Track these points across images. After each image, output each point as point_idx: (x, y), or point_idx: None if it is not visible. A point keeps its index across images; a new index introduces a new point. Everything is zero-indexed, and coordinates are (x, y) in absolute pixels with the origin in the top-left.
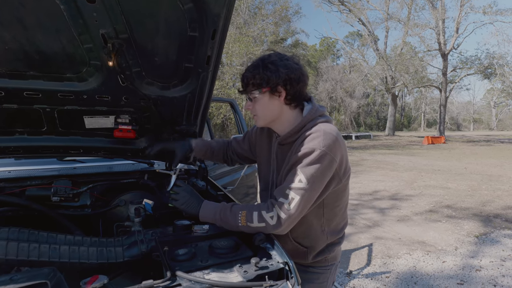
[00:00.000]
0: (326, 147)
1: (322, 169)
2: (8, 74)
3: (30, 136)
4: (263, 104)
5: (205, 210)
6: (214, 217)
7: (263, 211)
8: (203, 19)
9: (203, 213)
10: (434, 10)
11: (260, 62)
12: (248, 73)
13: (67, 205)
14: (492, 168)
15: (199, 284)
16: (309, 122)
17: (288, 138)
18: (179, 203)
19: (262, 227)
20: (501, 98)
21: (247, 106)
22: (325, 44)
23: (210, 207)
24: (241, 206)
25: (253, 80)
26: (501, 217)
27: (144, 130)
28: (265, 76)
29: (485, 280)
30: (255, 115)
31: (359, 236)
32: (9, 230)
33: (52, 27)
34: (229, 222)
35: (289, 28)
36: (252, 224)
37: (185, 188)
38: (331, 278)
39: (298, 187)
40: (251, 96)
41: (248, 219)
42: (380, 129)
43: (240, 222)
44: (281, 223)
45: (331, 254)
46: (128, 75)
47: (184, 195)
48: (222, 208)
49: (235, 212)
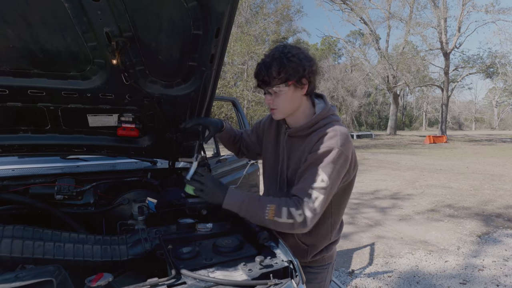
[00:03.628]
0: (342, 146)
1: (339, 168)
2: (12, 72)
3: (34, 134)
4: (287, 97)
5: (231, 197)
6: (240, 206)
7: (292, 208)
8: (207, 17)
9: (229, 200)
10: (436, 9)
11: (282, 55)
12: (274, 67)
13: (71, 203)
14: (494, 168)
15: (204, 282)
16: (322, 119)
17: (300, 131)
18: (204, 193)
19: (289, 224)
20: (503, 97)
21: (267, 101)
22: (326, 43)
23: (236, 195)
24: (270, 199)
25: (280, 74)
26: (503, 216)
27: (147, 129)
28: (291, 69)
29: (487, 279)
30: (275, 108)
31: (361, 235)
32: (14, 228)
33: (56, 25)
34: (255, 213)
35: (291, 27)
36: (280, 219)
37: (207, 176)
38: (329, 277)
39: (321, 187)
40: (272, 90)
41: (276, 213)
42: (382, 129)
43: (267, 216)
44: (306, 222)
45: (328, 253)
46: (132, 73)
47: (207, 185)
48: (250, 197)
49: (263, 204)
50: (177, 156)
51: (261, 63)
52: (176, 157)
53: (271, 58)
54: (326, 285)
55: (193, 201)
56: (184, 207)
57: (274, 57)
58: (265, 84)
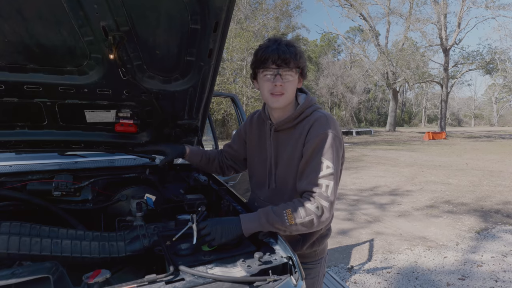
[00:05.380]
0: (334, 129)
1: (337, 150)
2: (8, 67)
3: (31, 130)
4: (293, 85)
5: (246, 223)
6: (259, 222)
7: (307, 204)
8: (205, 11)
9: (247, 226)
10: (436, 5)
11: (296, 46)
12: (295, 49)
13: (69, 199)
14: (493, 164)
15: (202, 279)
16: (307, 108)
17: (286, 123)
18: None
19: (310, 221)
20: (503, 94)
21: (278, 83)
22: (326, 39)
23: (249, 218)
24: (281, 206)
25: (298, 58)
26: (502, 212)
27: (145, 125)
28: (303, 59)
29: (486, 275)
30: (282, 93)
31: (360, 231)
32: (10, 224)
33: (52, 19)
34: (277, 224)
35: (290, 23)
36: (300, 220)
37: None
38: (322, 271)
39: (328, 173)
40: (287, 73)
41: (295, 216)
42: (381, 125)
43: (288, 222)
44: (325, 212)
45: (320, 246)
46: (129, 68)
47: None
48: (263, 213)
49: (279, 214)
50: None
51: (275, 43)
52: None
53: (290, 44)
54: (320, 279)
55: (192, 197)
56: (183, 203)
57: (291, 44)
58: (285, 64)
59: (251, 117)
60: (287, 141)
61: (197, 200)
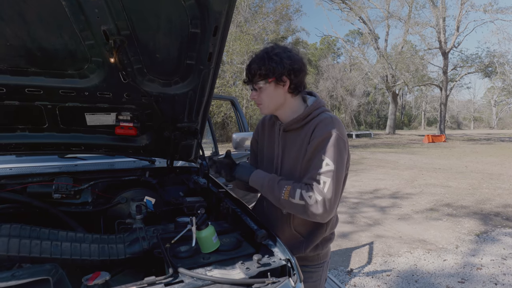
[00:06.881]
0: (339, 130)
1: (340, 150)
2: (9, 70)
3: (31, 133)
4: (269, 94)
5: (256, 175)
6: (262, 182)
7: (303, 190)
8: (205, 15)
9: (254, 178)
10: (434, 8)
11: (265, 54)
12: (255, 64)
13: (69, 202)
14: (492, 167)
15: (201, 281)
16: (315, 110)
17: (294, 124)
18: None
19: (301, 205)
20: (502, 97)
21: (252, 96)
22: (325, 42)
23: (261, 175)
24: (288, 181)
25: (260, 71)
26: (501, 215)
27: (145, 127)
28: (271, 67)
29: (486, 278)
30: (260, 104)
31: (359, 234)
32: (10, 226)
33: (53, 23)
34: (273, 192)
35: (290, 26)
36: (293, 200)
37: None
38: (324, 275)
39: (327, 170)
40: (257, 86)
41: (291, 194)
42: (381, 128)
43: (283, 196)
44: (318, 206)
45: (323, 250)
46: (129, 72)
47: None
48: (271, 178)
49: (281, 185)
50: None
51: (253, 58)
52: (175, 156)
53: (255, 57)
54: (322, 283)
55: (191, 200)
56: (182, 206)
57: (258, 56)
58: (248, 80)
59: (263, 120)
60: (294, 140)
61: (196, 202)
